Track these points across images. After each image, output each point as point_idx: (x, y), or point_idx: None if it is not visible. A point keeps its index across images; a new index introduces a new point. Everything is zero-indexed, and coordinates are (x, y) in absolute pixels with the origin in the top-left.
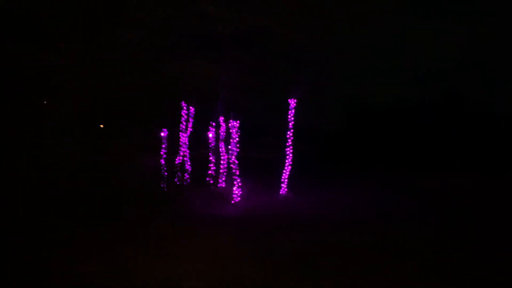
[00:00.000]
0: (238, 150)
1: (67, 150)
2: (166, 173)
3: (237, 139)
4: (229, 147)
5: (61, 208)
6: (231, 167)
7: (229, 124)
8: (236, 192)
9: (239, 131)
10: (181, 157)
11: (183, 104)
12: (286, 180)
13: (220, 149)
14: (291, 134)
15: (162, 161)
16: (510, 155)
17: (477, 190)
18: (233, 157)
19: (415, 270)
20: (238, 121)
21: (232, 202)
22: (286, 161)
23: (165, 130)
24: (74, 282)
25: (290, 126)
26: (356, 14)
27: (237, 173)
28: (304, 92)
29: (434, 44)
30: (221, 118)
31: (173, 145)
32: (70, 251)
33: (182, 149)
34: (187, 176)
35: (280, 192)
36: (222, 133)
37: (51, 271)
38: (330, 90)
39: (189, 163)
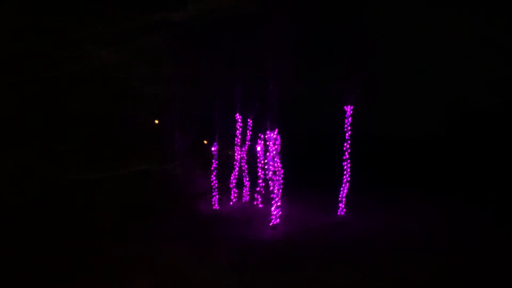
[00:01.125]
0: (276, 164)
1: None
2: (217, 190)
3: (275, 152)
4: (266, 161)
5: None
6: (269, 184)
7: (266, 136)
8: (275, 213)
9: (278, 143)
10: (236, 173)
11: (238, 116)
12: (344, 199)
13: (276, 164)
14: (348, 146)
15: (213, 177)
16: None
17: None
18: (270, 172)
19: None
20: (275, 132)
21: (270, 224)
22: (344, 177)
23: (216, 144)
24: None
25: (346, 137)
26: None
27: (275, 191)
28: (361, 96)
29: None
30: (276, 130)
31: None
32: None
33: (237, 164)
34: (247, 193)
35: (338, 214)
36: (277, 146)
37: None
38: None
39: (247, 178)
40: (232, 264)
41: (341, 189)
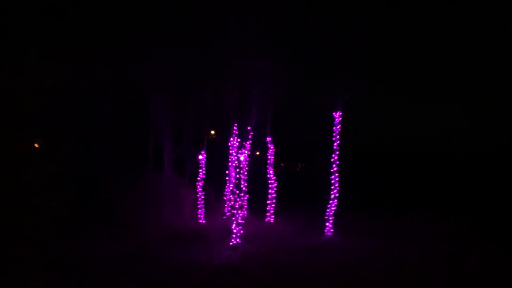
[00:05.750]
0: (239, 175)
1: None
2: (203, 204)
3: (237, 163)
4: (228, 172)
5: None
6: (230, 198)
7: (229, 143)
8: (235, 230)
9: (245, 152)
10: (231, 186)
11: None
12: (331, 218)
13: (269, 175)
14: (336, 158)
15: (199, 188)
16: None
17: None
18: (232, 185)
19: None
20: (238, 140)
21: (230, 244)
22: (331, 193)
23: (203, 153)
24: None
25: (335, 147)
26: None
27: (237, 205)
28: (350, 100)
29: None
30: (269, 139)
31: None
32: None
33: (232, 176)
34: (245, 208)
35: (325, 233)
36: (270, 156)
37: None
38: None
39: (245, 189)
40: None
41: (329, 206)
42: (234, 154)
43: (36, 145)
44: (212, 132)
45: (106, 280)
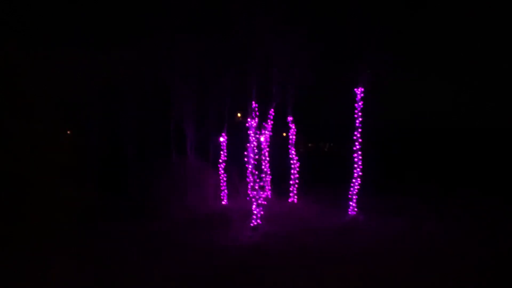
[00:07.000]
0: (258, 156)
1: None
2: (225, 185)
3: (255, 143)
4: (246, 153)
5: None
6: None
7: (247, 125)
8: (256, 211)
9: (265, 133)
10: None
11: (254, 104)
12: (354, 197)
13: (291, 155)
14: (359, 135)
15: (221, 171)
16: None
17: None
18: (250, 166)
19: None
20: (256, 120)
21: (251, 225)
22: (355, 171)
23: (224, 135)
24: None
25: (357, 124)
26: None
27: (257, 186)
28: (375, 76)
29: None
30: (290, 118)
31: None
32: None
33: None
34: (268, 189)
35: (349, 213)
36: (291, 136)
37: None
38: None
39: (268, 172)
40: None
41: (352, 185)
42: (253, 135)
43: (69, 132)
44: (239, 114)
45: (134, 265)
